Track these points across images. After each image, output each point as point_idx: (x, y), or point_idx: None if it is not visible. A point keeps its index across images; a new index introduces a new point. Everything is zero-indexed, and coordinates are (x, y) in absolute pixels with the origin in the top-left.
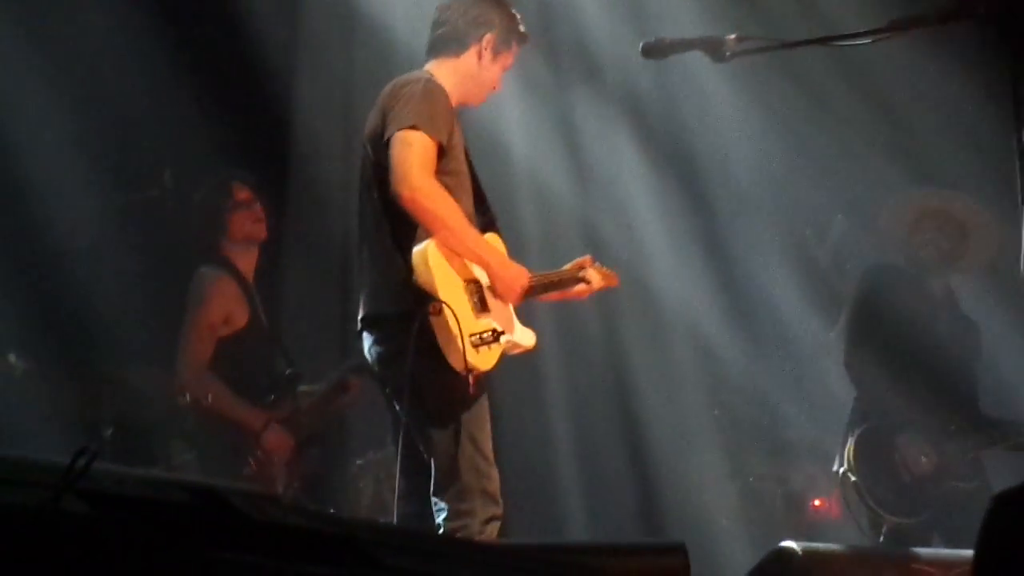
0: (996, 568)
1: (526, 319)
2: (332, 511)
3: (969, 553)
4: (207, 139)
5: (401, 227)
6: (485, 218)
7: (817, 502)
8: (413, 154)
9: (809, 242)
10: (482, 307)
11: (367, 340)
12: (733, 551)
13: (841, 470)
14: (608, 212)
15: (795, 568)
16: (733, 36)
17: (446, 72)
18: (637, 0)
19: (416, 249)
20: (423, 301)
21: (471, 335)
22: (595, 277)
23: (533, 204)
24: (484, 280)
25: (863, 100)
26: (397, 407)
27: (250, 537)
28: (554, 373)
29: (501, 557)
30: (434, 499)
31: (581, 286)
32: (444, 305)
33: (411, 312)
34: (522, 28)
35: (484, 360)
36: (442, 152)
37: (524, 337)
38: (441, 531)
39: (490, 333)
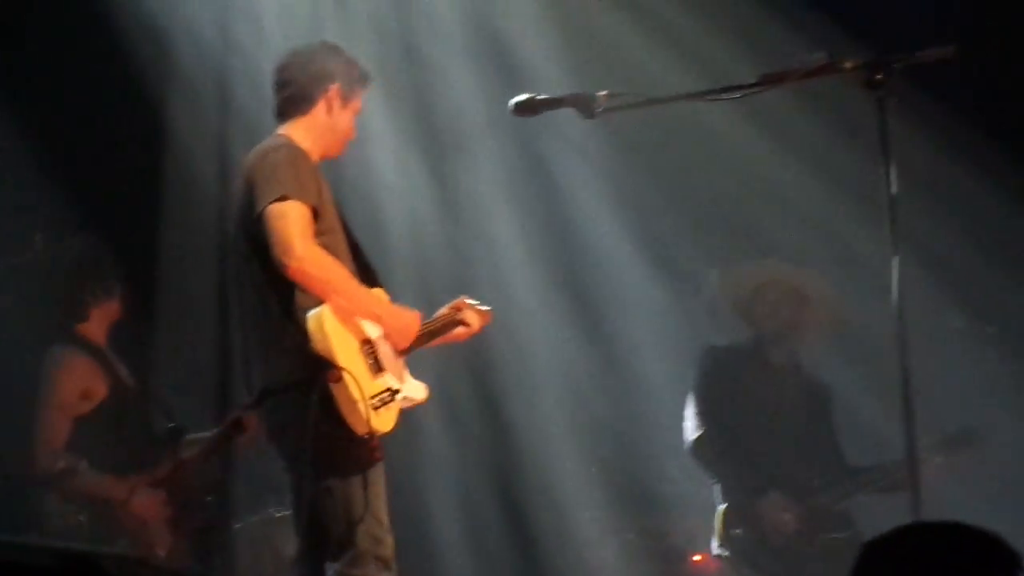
0: None
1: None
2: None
3: None
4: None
5: (287, 297)
6: (365, 271)
7: (697, 557)
8: (290, 224)
9: (685, 295)
10: (378, 367)
11: (264, 411)
12: None
13: (717, 551)
14: (479, 262)
15: None
16: (603, 92)
17: (301, 132)
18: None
19: (310, 316)
20: (321, 368)
21: (371, 397)
22: (473, 317)
23: (404, 251)
24: (376, 336)
25: (736, 151)
26: (293, 473)
27: None
28: (429, 428)
29: None
30: (329, 564)
31: (460, 329)
32: (344, 371)
33: (308, 380)
34: (363, 70)
35: (384, 422)
36: (315, 214)
37: (416, 391)
38: None
39: (388, 393)
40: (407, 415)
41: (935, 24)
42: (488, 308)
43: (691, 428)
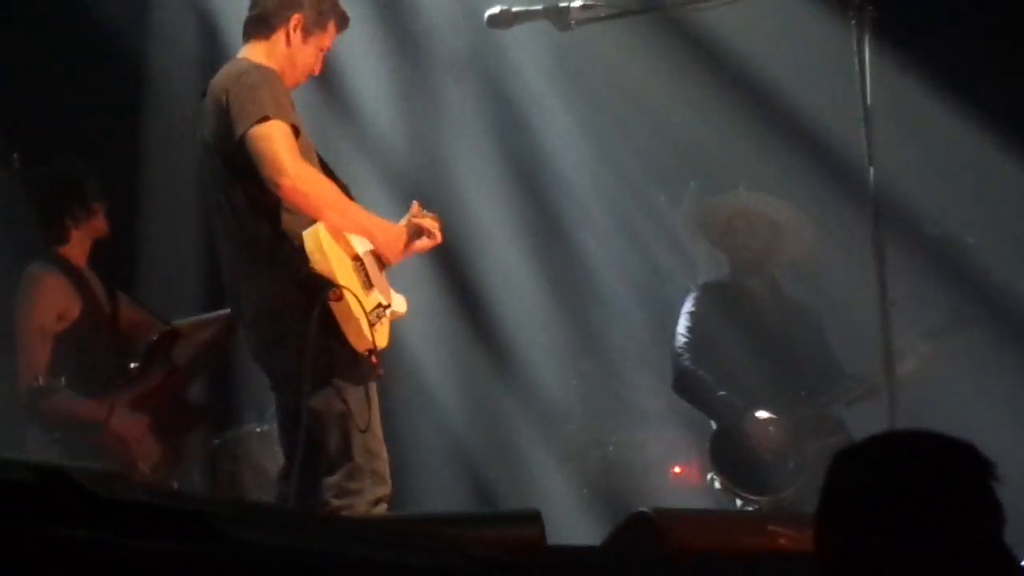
0: (835, 520)
1: None
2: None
3: None
4: (58, 121)
5: (274, 219)
6: (339, 187)
7: (677, 468)
8: (277, 144)
9: (663, 208)
10: (368, 283)
11: (253, 334)
12: (595, 519)
13: (712, 482)
14: (444, 182)
15: (649, 533)
16: (578, 4)
17: (259, 55)
18: None
19: (307, 234)
20: (322, 287)
21: (367, 314)
22: (431, 224)
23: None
24: (363, 251)
25: (716, 67)
26: (282, 392)
27: (97, 515)
28: (412, 346)
29: (353, 530)
30: (325, 479)
31: (424, 240)
32: (345, 290)
33: (307, 301)
34: (340, 8)
35: (381, 336)
36: (296, 133)
37: (399, 304)
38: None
39: (380, 308)
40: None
41: None
42: (434, 215)
43: (676, 364)
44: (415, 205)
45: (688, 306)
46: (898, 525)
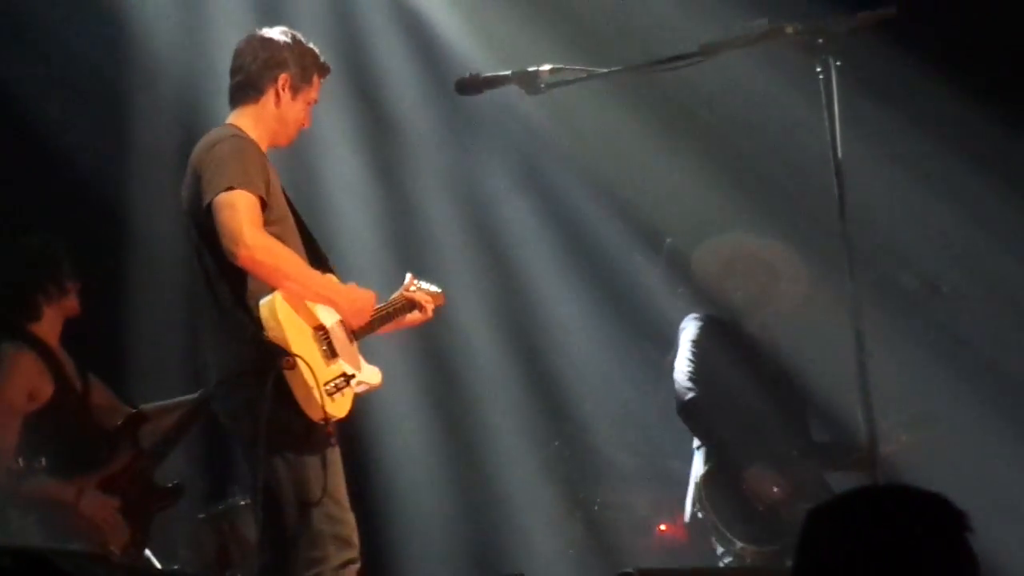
0: None
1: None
2: (175, 568)
3: None
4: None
5: (239, 285)
6: (317, 259)
7: (663, 527)
8: (239, 213)
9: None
10: (331, 353)
11: (218, 400)
12: None
13: (695, 512)
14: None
15: None
16: (547, 68)
17: (249, 120)
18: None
19: (263, 303)
20: (275, 355)
21: (325, 383)
22: (424, 297)
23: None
24: (329, 323)
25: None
26: (249, 460)
27: None
28: (391, 406)
29: None
30: (290, 551)
31: (414, 314)
32: (297, 358)
33: (262, 368)
34: (321, 60)
35: (339, 407)
36: (264, 204)
37: (371, 376)
38: None
39: (342, 378)
40: (371, 401)
41: None
42: (439, 290)
43: (684, 390)
44: (409, 277)
45: (691, 334)
46: None
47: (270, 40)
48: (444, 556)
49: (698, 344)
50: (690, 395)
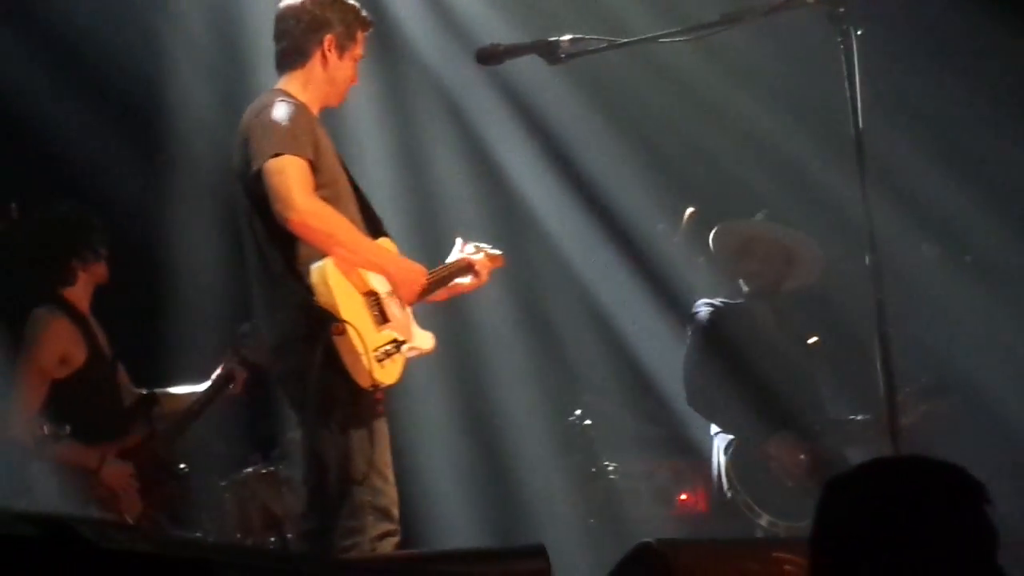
0: (829, 548)
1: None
2: (197, 535)
3: None
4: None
5: (290, 251)
6: (372, 222)
7: (684, 496)
8: (289, 179)
9: (662, 235)
10: (382, 319)
11: (273, 364)
12: (601, 550)
13: (725, 492)
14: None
15: (655, 563)
16: (567, 38)
17: (297, 85)
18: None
19: (314, 268)
20: (325, 321)
21: (375, 350)
22: (482, 262)
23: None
24: (382, 289)
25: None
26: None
27: (100, 566)
28: (411, 379)
29: (358, 571)
30: (330, 517)
31: (469, 279)
32: (347, 325)
33: (312, 334)
34: (363, 14)
35: (389, 374)
36: (313, 168)
37: (423, 340)
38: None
39: (392, 345)
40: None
41: None
42: (498, 252)
43: (691, 382)
44: (460, 242)
45: (699, 322)
46: (890, 551)
47: (310, 3)
48: (464, 526)
49: (706, 331)
50: (699, 382)
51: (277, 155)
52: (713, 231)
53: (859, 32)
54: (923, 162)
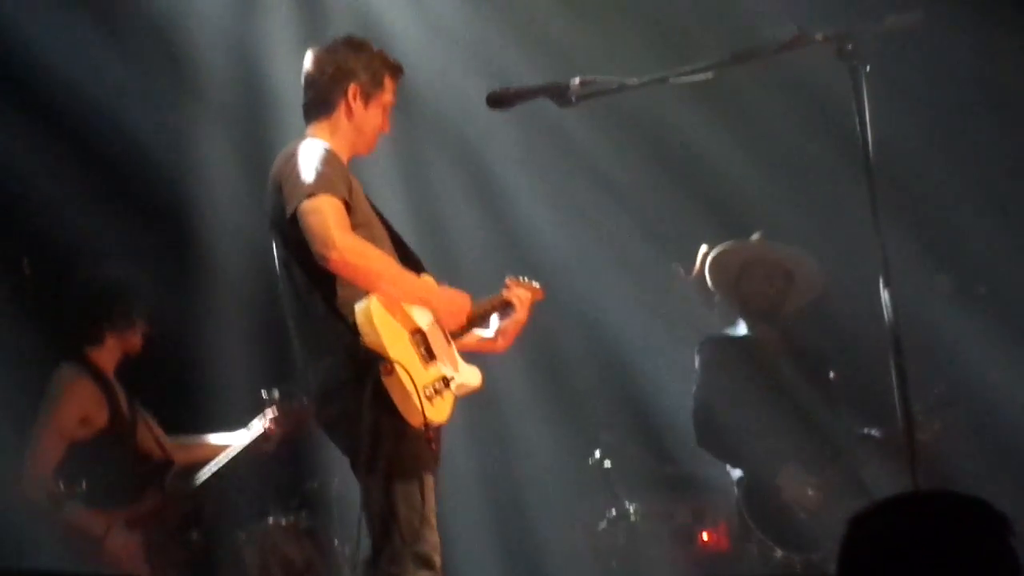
0: None
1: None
2: None
3: None
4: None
5: (331, 294)
6: (410, 261)
7: (705, 536)
8: (326, 217)
9: (679, 277)
10: (429, 356)
11: (316, 413)
12: None
13: (741, 526)
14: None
15: None
16: (577, 80)
17: (325, 133)
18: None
19: (358, 309)
20: (373, 362)
21: (423, 388)
22: (523, 294)
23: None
24: (425, 324)
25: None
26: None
27: None
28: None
29: None
30: (373, 565)
31: (513, 319)
32: (396, 364)
33: (359, 377)
34: (391, 60)
35: (439, 411)
36: (348, 208)
37: (471, 377)
38: None
39: (441, 382)
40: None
41: None
42: (537, 285)
43: (698, 418)
44: (509, 280)
45: (704, 360)
46: None
47: (335, 51)
48: (484, 566)
49: (710, 369)
50: (706, 421)
51: (311, 195)
52: (709, 257)
53: (868, 68)
54: (937, 192)
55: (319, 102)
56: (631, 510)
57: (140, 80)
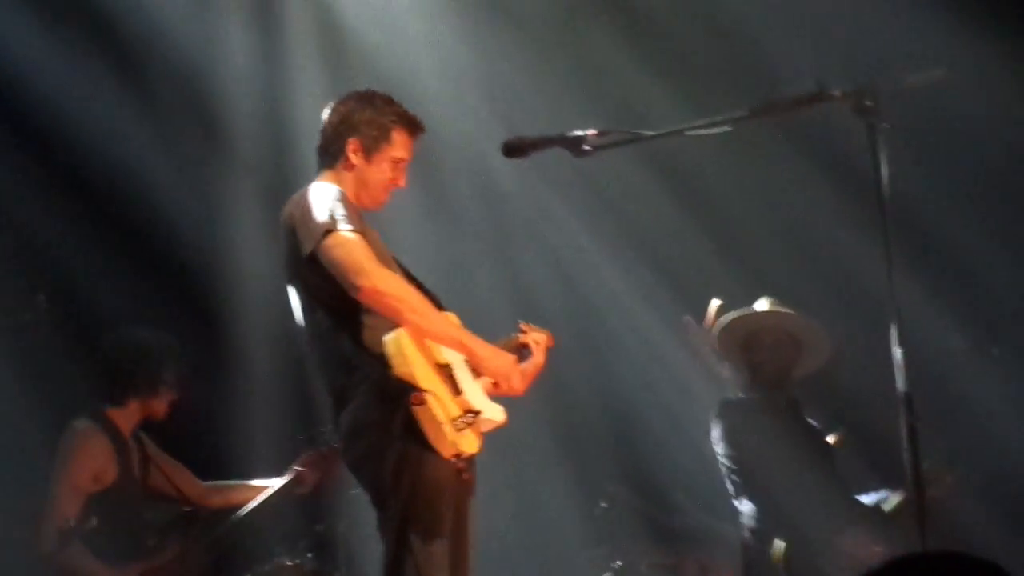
0: None
1: None
2: None
3: None
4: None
5: (357, 332)
6: (431, 299)
7: None
8: (352, 250)
9: (690, 329)
10: (456, 389)
11: (344, 452)
12: None
13: None
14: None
15: None
16: (592, 131)
17: (329, 181)
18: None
19: (388, 340)
20: (403, 392)
21: (454, 420)
22: (539, 337)
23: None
24: (452, 360)
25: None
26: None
27: None
28: None
29: None
30: None
31: (529, 362)
32: (427, 393)
33: (389, 411)
34: (407, 117)
35: (469, 443)
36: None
37: (495, 413)
38: None
39: (469, 415)
40: None
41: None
42: (544, 331)
43: (739, 472)
44: (521, 324)
45: (729, 424)
46: None
47: (345, 103)
48: None
49: (734, 432)
50: (745, 490)
51: (329, 232)
52: (717, 326)
53: (886, 126)
54: (953, 249)
55: (324, 152)
56: (637, 562)
57: (167, 137)
